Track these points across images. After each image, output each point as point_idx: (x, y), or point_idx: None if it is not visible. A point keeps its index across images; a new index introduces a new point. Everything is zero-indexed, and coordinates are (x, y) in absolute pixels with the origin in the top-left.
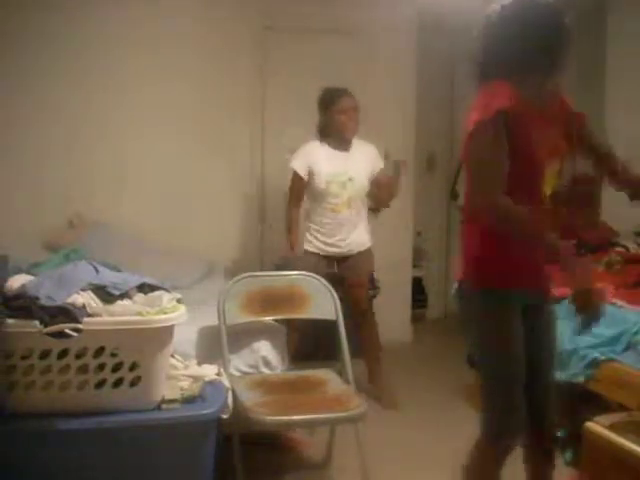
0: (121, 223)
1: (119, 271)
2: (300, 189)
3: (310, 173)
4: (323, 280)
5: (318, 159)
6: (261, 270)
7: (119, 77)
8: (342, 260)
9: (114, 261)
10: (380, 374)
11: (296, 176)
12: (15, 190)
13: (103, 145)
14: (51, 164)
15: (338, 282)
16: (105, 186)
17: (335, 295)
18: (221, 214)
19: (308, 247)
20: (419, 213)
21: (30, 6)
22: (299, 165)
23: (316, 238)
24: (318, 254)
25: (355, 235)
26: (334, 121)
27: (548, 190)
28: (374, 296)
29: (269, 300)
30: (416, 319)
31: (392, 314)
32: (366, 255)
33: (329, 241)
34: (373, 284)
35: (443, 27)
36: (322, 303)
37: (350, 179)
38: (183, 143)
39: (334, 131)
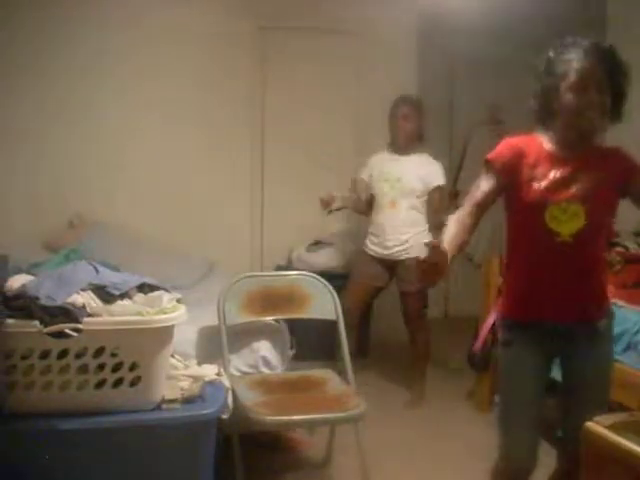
0: (121, 223)
1: (119, 271)
2: (362, 192)
3: (369, 175)
4: (323, 280)
5: (376, 162)
6: (261, 270)
7: (118, 77)
8: (394, 265)
9: (114, 261)
10: (423, 377)
11: (359, 179)
12: (15, 190)
13: (103, 145)
14: (51, 164)
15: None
16: (105, 186)
17: (335, 295)
18: (221, 214)
19: (364, 247)
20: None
21: (28, 5)
22: (363, 172)
23: (370, 240)
24: (370, 255)
25: (403, 239)
26: (390, 126)
27: (569, 229)
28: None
29: (269, 300)
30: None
31: (392, 314)
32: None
33: (376, 240)
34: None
35: (443, 27)
36: (322, 303)
37: (398, 179)
38: (183, 143)
39: (391, 136)
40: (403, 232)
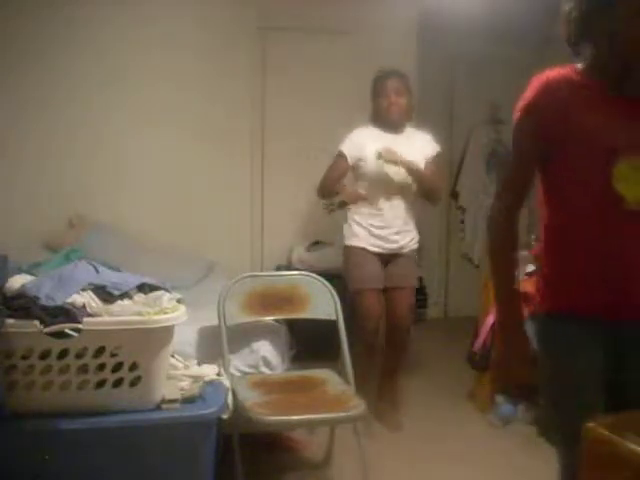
0: (121, 223)
1: (119, 271)
2: (341, 170)
3: (359, 158)
4: (323, 280)
5: (367, 141)
6: (261, 270)
7: (118, 78)
8: (389, 259)
9: (114, 261)
10: (393, 393)
11: (341, 157)
12: (15, 190)
13: (103, 145)
14: (51, 164)
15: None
16: (105, 186)
17: (335, 295)
18: (221, 214)
19: (352, 242)
20: (419, 213)
21: (30, 8)
22: (346, 146)
23: (369, 233)
24: (372, 252)
25: (406, 230)
26: (378, 104)
27: (633, 190)
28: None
29: (269, 300)
30: (416, 319)
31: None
32: (413, 257)
33: (376, 232)
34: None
35: (443, 27)
36: (322, 303)
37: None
38: (183, 143)
39: (381, 114)
40: (407, 223)
